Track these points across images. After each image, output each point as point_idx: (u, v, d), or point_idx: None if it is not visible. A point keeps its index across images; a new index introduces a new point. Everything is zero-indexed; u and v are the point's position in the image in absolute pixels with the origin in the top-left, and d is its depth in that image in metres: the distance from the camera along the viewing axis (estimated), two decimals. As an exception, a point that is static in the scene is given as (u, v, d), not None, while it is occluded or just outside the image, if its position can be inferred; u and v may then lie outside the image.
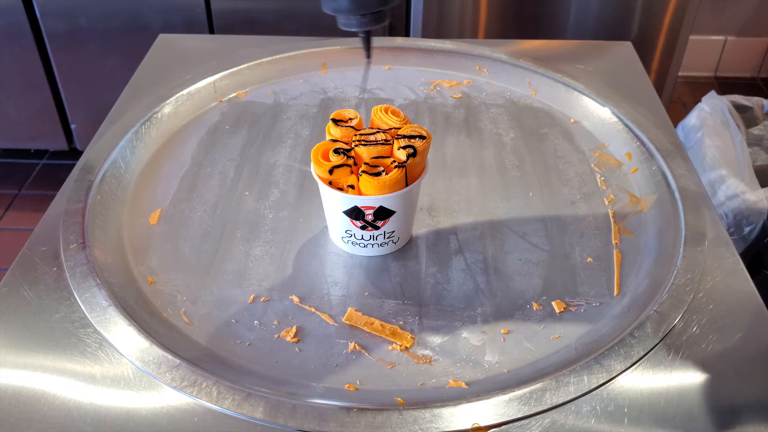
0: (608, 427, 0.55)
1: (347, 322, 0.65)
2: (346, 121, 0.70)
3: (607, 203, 0.80)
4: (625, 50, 1.08)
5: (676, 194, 0.77)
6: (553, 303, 0.67)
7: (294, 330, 0.65)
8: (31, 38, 1.84)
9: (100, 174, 0.80)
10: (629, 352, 0.60)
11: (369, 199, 0.66)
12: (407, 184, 0.66)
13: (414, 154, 0.65)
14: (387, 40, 1.07)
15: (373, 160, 0.66)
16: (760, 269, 1.45)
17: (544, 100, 0.98)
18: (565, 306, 0.67)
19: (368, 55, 0.70)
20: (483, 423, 0.55)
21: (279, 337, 0.64)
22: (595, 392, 0.58)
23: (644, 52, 1.75)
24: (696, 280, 0.67)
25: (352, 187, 0.66)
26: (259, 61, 1.01)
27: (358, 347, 0.63)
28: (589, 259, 0.72)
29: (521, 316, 0.66)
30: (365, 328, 0.65)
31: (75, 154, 2.11)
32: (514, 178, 0.84)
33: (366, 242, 0.71)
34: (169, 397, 0.57)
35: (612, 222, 0.77)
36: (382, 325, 0.65)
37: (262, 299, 0.68)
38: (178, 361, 0.59)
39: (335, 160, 0.66)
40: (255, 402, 0.56)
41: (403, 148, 0.66)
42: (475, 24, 1.75)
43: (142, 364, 0.59)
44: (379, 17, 0.65)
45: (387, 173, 0.65)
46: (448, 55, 1.04)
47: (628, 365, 0.59)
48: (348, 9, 0.64)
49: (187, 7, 1.76)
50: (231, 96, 0.98)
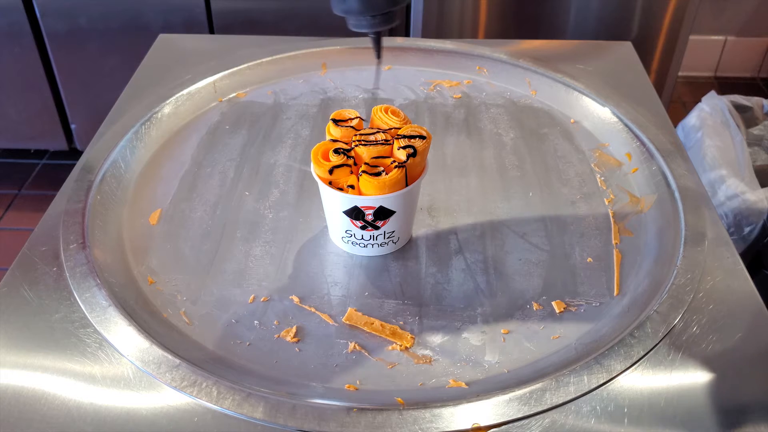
0: (608, 427, 0.55)
1: (347, 322, 0.65)
2: (346, 121, 0.70)
3: (607, 203, 0.80)
4: (625, 50, 1.08)
5: (676, 194, 0.77)
6: (553, 303, 0.67)
7: (294, 330, 0.65)
8: (31, 38, 1.84)
9: (100, 174, 0.80)
10: (629, 352, 0.60)
11: (369, 199, 0.66)
12: (407, 184, 0.66)
13: (414, 154, 0.65)
14: (387, 40, 1.07)
15: (373, 160, 0.66)
16: (760, 269, 1.45)
17: (544, 100, 0.98)
18: (565, 306, 0.67)
19: (378, 56, 0.71)
20: (483, 423, 0.55)
21: (279, 337, 0.64)
22: (595, 392, 0.58)
23: (644, 52, 1.75)
24: (696, 280, 0.67)
25: (352, 187, 0.66)
26: (259, 61, 1.01)
27: (358, 347, 0.63)
28: (589, 259, 0.72)
29: (521, 316, 0.66)
30: (365, 328, 0.65)
31: (75, 154, 2.11)
32: (514, 178, 0.84)
33: (366, 242, 0.71)
34: (169, 397, 0.57)
35: (612, 222, 0.77)
36: (382, 325, 0.65)
37: (262, 299, 0.68)
38: (178, 361, 0.59)
39: (335, 160, 0.66)
40: (255, 402, 0.56)
41: (403, 148, 0.66)
42: (475, 24, 1.75)
43: (142, 364, 0.59)
44: (389, 18, 0.66)
45: (387, 173, 0.65)
46: (448, 55, 1.04)
47: (628, 365, 0.59)
48: (358, 10, 0.64)
49: (187, 7, 1.76)
50: (231, 96, 0.98)
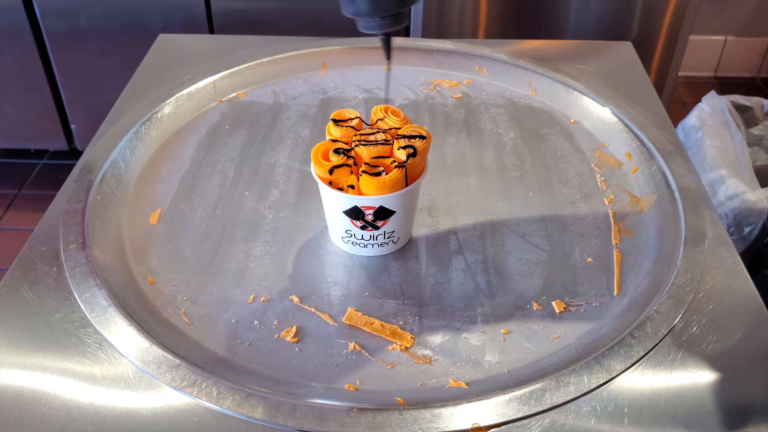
0: (608, 427, 0.55)
1: (347, 322, 0.65)
2: (346, 121, 0.70)
3: (607, 203, 0.80)
4: (625, 50, 1.08)
5: (676, 194, 0.77)
6: (553, 303, 0.67)
7: (294, 330, 0.65)
8: (31, 38, 1.84)
9: (100, 174, 0.80)
10: (629, 352, 0.60)
11: (369, 199, 0.66)
12: (407, 184, 0.66)
13: (414, 154, 0.65)
14: (387, 40, 1.07)
15: (373, 160, 0.66)
16: (760, 269, 1.45)
17: (544, 100, 0.98)
18: (565, 306, 0.67)
19: (388, 57, 0.71)
20: (483, 423, 0.55)
21: (279, 337, 0.64)
22: (595, 392, 0.58)
23: (644, 52, 1.75)
24: (696, 280, 0.67)
25: (352, 187, 0.66)
26: (259, 61, 1.01)
27: (358, 347, 0.63)
28: (589, 259, 0.72)
29: (521, 316, 0.66)
30: (365, 328, 0.65)
31: (75, 154, 2.11)
32: (514, 178, 0.84)
33: (366, 242, 0.71)
34: (169, 397, 0.57)
35: (612, 222, 0.77)
36: (382, 325, 0.65)
37: (262, 299, 0.68)
38: (178, 361, 0.59)
39: (335, 160, 0.66)
40: (255, 402, 0.56)
41: (403, 148, 0.66)
42: (475, 24, 1.75)
43: (142, 364, 0.59)
44: (398, 19, 0.66)
45: (387, 173, 0.65)
46: (448, 55, 1.04)
47: (628, 365, 0.59)
48: (368, 12, 0.64)
49: (187, 7, 1.76)
50: (231, 96, 0.98)
